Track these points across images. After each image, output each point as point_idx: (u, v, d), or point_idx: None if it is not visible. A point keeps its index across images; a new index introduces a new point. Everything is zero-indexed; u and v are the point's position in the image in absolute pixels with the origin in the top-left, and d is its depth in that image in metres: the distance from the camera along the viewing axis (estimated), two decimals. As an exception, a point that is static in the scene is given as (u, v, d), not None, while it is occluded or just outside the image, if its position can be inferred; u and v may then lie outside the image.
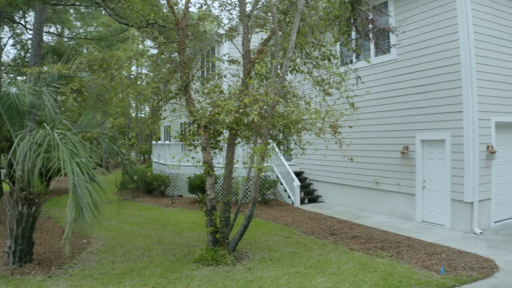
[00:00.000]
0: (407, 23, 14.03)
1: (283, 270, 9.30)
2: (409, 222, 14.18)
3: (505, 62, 13.45)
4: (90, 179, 8.43)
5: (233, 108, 8.88)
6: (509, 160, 14.00)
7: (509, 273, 8.89)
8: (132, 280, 8.71)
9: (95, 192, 8.25)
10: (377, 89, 15.42)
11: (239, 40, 11.37)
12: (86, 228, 7.93)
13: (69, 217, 7.51)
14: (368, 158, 16.10)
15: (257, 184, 10.02)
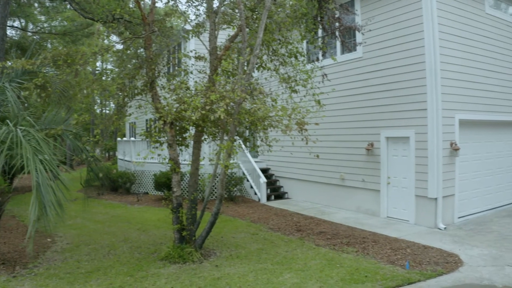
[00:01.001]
0: (373, 22, 14.18)
1: (250, 266, 9.31)
2: (375, 217, 14.35)
3: (469, 61, 13.73)
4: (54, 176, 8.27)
5: (200, 104, 8.85)
6: (472, 157, 14.29)
7: (473, 268, 9.08)
8: (98, 279, 8.60)
9: (59, 190, 8.10)
10: (343, 86, 15.55)
11: (206, 36, 11.33)
12: (50, 227, 7.78)
13: (32, 215, 7.36)
14: (334, 155, 16.23)
15: (223, 181, 10.00)
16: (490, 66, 14.65)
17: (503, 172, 15.89)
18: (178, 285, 8.20)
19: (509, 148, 16.26)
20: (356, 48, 14.96)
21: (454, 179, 13.29)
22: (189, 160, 11.01)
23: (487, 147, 15.08)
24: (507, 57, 15.54)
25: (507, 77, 15.45)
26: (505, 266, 9.11)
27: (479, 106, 14.13)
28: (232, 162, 12.24)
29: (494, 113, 14.84)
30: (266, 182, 18.16)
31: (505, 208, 15.44)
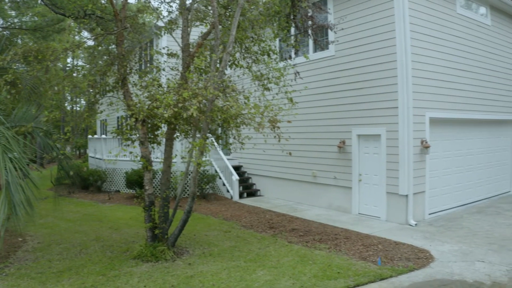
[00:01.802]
0: (346, 21, 14.27)
1: (223, 264, 9.30)
2: (346, 214, 14.47)
3: (440, 61, 13.93)
4: (24, 175, 8.16)
5: (172, 102, 8.79)
6: (443, 155, 14.50)
7: (444, 263, 9.21)
8: (70, 278, 8.49)
9: (28, 189, 7.99)
10: (315, 84, 15.61)
11: (179, 33, 11.26)
12: (20, 226, 7.69)
13: (1, 215, 7.26)
14: (306, 152, 16.31)
15: (195, 179, 9.96)
16: (460, 65, 14.88)
17: (473, 169, 16.16)
18: (151, 284, 8.14)
19: (479, 146, 16.54)
20: (329, 46, 15.03)
21: (425, 176, 13.46)
22: (161, 157, 10.95)
23: (457, 144, 15.31)
24: (477, 57, 15.81)
25: (477, 76, 15.73)
26: (475, 262, 9.25)
27: (449, 104, 14.34)
28: (205, 159, 12.21)
29: (464, 111, 15.08)
30: (238, 179, 18.17)
31: (475, 204, 15.70)
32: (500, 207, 15.23)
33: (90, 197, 19.32)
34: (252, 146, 13.64)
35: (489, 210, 14.71)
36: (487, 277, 8.34)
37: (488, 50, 16.53)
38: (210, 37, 11.34)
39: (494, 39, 16.94)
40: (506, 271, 8.60)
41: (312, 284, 8.06)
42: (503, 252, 9.91)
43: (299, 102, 13.65)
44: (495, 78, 16.94)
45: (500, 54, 17.35)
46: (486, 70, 16.31)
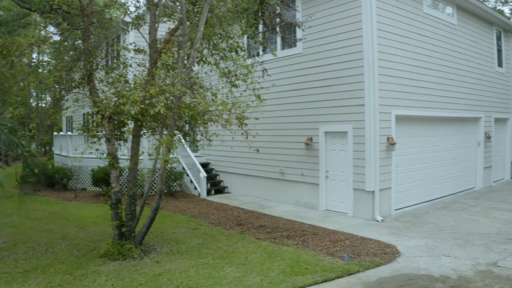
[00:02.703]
0: (314, 19, 14.35)
1: (191, 261, 9.28)
2: (314, 211, 14.57)
3: (406, 59, 14.13)
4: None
5: (139, 98, 8.73)
6: (409, 151, 14.71)
7: (411, 258, 9.35)
8: (36, 278, 8.35)
9: (-8, 187, 7.86)
10: (283, 81, 15.66)
11: (146, 29, 11.15)
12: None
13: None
14: (274, 149, 16.36)
15: (163, 176, 9.90)
16: (427, 64, 15.12)
17: (438, 166, 16.43)
18: (118, 282, 8.07)
19: (444, 143, 16.83)
20: (296, 44, 15.07)
21: (391, 173, 13.64)
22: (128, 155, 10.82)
23: (423, 141, 15.55)
24: (443, 55, 16.09)
25: (443, 74, 16.00)
26: (441, 256, 9.42)
27: (415, 102, 14.55)
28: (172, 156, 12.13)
29: (430, 109, 15.32)
30: (206, 176, 18.12)
31: (440, 200, 15.97)
32: (465, 202, 15.52)
33: (56, 195, 19.04)
34: (219, 143, 13.64)
35: (454, 205, 14.97)
36: (453, 271, 8.49)
37: (454, 49, 16.83)
38: (177, 33, 11.27)
39: (460, 38, 17.26)
40: (471, 266, 8.77)
41: (280, 280, 8.10)
42: (468, 247, 10.10)
43: (267, 99, 13.69)
44: (460, 77, 17.26)
45: (466, 53, 17.69)
46: (451, 69, 16.61)
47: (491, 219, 12.78)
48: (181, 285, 7.93)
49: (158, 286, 7.90)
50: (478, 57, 18.74)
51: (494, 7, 35.37)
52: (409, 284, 7.86)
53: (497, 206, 14.68)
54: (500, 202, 15.44)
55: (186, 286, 7.85)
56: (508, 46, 22.22)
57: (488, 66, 19.75)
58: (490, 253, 9.60)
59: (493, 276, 8.18)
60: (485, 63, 19.45)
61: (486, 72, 19.50)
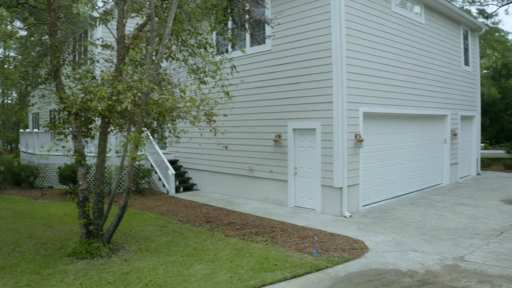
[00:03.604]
0: (283, 16, 14.37)
1: (160, 259, 9.22)
2: (282, 207, 14.63)
3: (374, 57, 14.28)
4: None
5: (106, 95, 8.64)
6: (376, 148, 14.86)
7: (379, 253, 9.47)
8: (3, 278, 8.19)
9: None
10: (252, 78, 15.66)
11: (114, 24, 11.02)
12: None
13: None
14: (243, 146, 16.36)
15: (131, 174, 9.81)
16: (394, 62, 15.31)
17: (406, 162, 16.65)
18: (86, 281, 7.97)
19: (412, 140, 17.05)
20: (265, 41, 15.09)
21: (359, 169, 13.76)
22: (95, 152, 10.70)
23: (390, 138, 15.72)
24: (411, 54, 16.31)
25: (410, 72, 16.22)
26: (408, 251, 9.55)
27: (383, 99, 14.71)
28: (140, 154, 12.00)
29: (397, 106, 15.49)
30: (174, 174, 18.02)
31: (407, 196, 16.18)
32: (432, 198, 15.76)
33: (22, 193, 18.71)
34: (188, 140, 13.58)
35: (421, 201, 15.19)
36: (420, 266, 8.63)
37: (422, 47, 17.07)
38: (146, 29, 11.16)
39: (427, 37, 17.51)
40: (438, 260, 8.93)
41: (250, 276, 8.11)
42: (435, 241, 10.27)
43: (236, 96, 13.65)
44: (428, 75, 17.52)
45: (433, 51, 17.96)
46: (419, 67, 16.85)
47: (457, 215, 12.99)
48: (150, 283, 7.87)
49: (126, 284, 7.84)
50: (445, 56, 19.04)
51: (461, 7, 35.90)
52: (377, 279, 7.95)
53: (463, 202, 14.94)
54: (466, 198, 15.71)
55: (155, 284, 7.80)
56: (474, 45, 22.63)
57: (455, 64, 20.08)
58: (457, 247, 9.77)
59: (460, 270, 8.33)
60: (452, 62, 19.76)
61: (453, 71, 19.82)
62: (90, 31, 20.59)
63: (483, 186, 18.68)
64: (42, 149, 19.69)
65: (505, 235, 10.74)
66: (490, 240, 10.31)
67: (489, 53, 43.80)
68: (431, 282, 7.74)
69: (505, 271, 8.17)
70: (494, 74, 37.69)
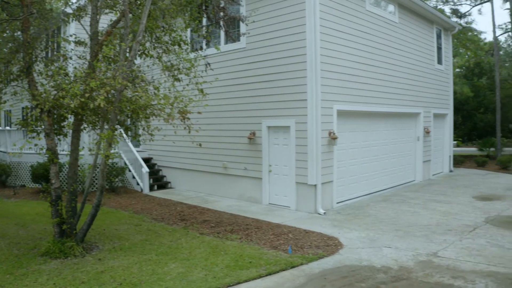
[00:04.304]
0: (258, 14, 14.37)
1: (135, 258, 9.17)
2: (257, 205, 14.67)
3: (348, 55, 14.41)
4: None
5: (79, 92, 8.55)
6: (349, 146, 14.97)
7: (353, 250, 9.55)
8: (-26, 278, 8.08)
9: None
10: (226, 76, 15.65)
11: (87, 20, 10.89)
12: None
13: None
14: (217, 144, 16.36)
15: (104, 172, 9.72)
16: (368, 60, 15.45)
17: (379, 159, 16.79)
18: (60, 281, 7.88)
19: (385, 137, 17.20)
20: (240, 38, 15.09)
21: (333, 167, 13.86)
22: (68, 150, 10.60)
23: (363, 136, 15.85)
24: (385, 52, 16.47)
25: (383, 71, 16.37)
26: (382, 248, 9.66)
27: (356, 97, 14.84)
28: (113, 152, 11.91)
29: (371, 104, 15.63)
30: (148, 172, 17.91)
31: (380, 193, 16.33)
32: (405, 195, 15.94)
33: (-7, 192, 18.45)
34: (162, 137, 13.54)
35: (394, 198, 15.35)
36: (394, 262, 8.72)
37: (395, 46, 17.24)
38: (120, 25, 11.07)
39: (401, 36, 17.69)
40: (412, 256, 9.04)
41: (225, 274, 8.10)
42: (408, 238, 10.39)
43: (210, 93, 13.65)
44: (401, 73, 17.71)
45: (407, 50, 18.15)
46: (392, 66, 17.02)
47: (430, 211, 13.17)
48: (124, 282, 7.82)
49: (101, 284, 7.77)
50: (418, 55, 19.26)
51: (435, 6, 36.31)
52: (352, 275, 8.01)
53: (436, 199, 15.14)
54: (439, 195, 15.93)
55: (130, 283, 7.75)
56: (447, 44, 22.93)
57: (428, 63, 20.32)
58: (430, 243, 9.90)
59: (433, 266, 8.45)
60: (425, 60, 20.00)
61: (426, 69, 20.06)
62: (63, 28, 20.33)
63: (456, 183, 18.95)
64: (14, 147, 19.46)
65: (477, 231, 10.91)
66: (463, 236, 10.47)
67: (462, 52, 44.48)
68: (405, 278, 7.82)
69: (478, 267, 8.31)
70: (466, 73, 38.22)
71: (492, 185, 18.32)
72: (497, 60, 30.51)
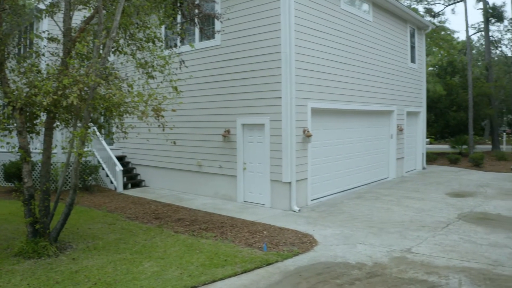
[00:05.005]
0: (233, 11, 14.35)
1: (109, 257, 9.09)
2: (232, 202, 14.66)
3: (323, 53, 14.50)
4: None
5: (52, 89, 8.45)
6: (323, 143, 15.06)
7: (327, 247, 9.61)
8: None
9: None
10: (201, 73, 15.61)
11: (61, 17, 10.75)
12: None
13: None
14: (192, 142, 16.31)
15: (77, 170, 9.62)
16: (342, 58, 15.56)
17: (353, 157, 16.93)
18: (34, 282, 7.77)
19: (359, 135, 17.35)
20: (215, 36, 15.07)
21: (307, 164, 13.93)
22: (40, 148, 10.47)
23: (337, 133, 15.97)
24: (359, 51, 16.61)
25: (358, 69, 16.51)
26: (356, 244, 9.74)
27: (330, 95, 14.93)
28: (87, 150, 11.75)
29: (345, 102, 15.74)
30: (122, 170, 17.72)
31: (354, 190, 16.47)
32: (379, 192, 16.10)
33: (-36, 191, 18.14)
34: (136, 135, 13.46)
35: (368, 195, 15.49)
36: (368, 258, 8.81)
37: (369, 45, 17.40)
38: (93, 21, 10.95)
39: (375, 35, 17.85)
40: (386, 252, 9.14)
41: (200, 273, 8.09)
42: (382, 234, 10.50)
43: (185, 91, 13.61)
44: (375, 72, 17.87)
45: (380, 49, 18.33)
46: (366, 64, 17.17)
47: (404, 208, 13.32)
48: (99, 282, 7.75)
49: (75, 284, 7.69)
50: (392, 53, 19.45)
51: (409, 5, 36.69)
52: (326, 272, 8.06)
53: (409, 195, 15.32)
54: (412, 192, 16.12)
55: (104, 283, 7.69)
56: (421, 43, 23.20)
57: (402, 62, 20.54)
58: (404, 240, 10.02)
59: (407, 262, 8.55)
60: (399, 59, 20.21)
61: (400, 68, 20.27)
62: (36, 24, 20.03)
63: (429, 180, 19.20)
64: (-15, 146, 19.09)
65: (450, 227, 11.08)
66: (436, 232, 10.62)
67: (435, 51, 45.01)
68: (379, 274, 7.90)
69: (451, 262, 8.44)
70: (439, 71, 38.63)
71: (465, 182, 18.60)
72: (469, 59, 30.97)
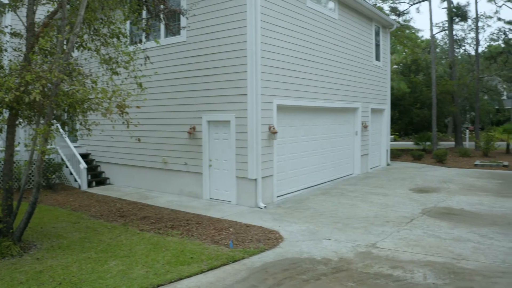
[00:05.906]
0: (198, 7, 14.28)
1: (74, 257, 8.96)
2: (198, 200, 14.62)
3: (288, 51, 14.54)
4: None
5: (14, 85, 8.29)
6: (289, 140, 15.14)
7: (293, 243, 9.66)
8: None
9: None
10: (166, 70, 15.51)
11: (24, 11, 10.54)
12: None
13: None
14: (157, 139, 16.20)
15: (40, 168, 9.46)
16: (308, 56, 15.65)
17: (318, 153, 17.05)
18: (-4, 282, 7.64)
19: (324, 132, 17.48)
20: (180, 32, 14.95)
21: (273, 161, 13.99)
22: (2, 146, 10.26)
23: (303, 130, 16.05)
24: (324, 48, 16.74)
25: (323, 66, 16.64)
26: (322, 240, 9.82)
27: (296, 92, 15.01)
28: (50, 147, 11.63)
29: (310, 99, 15.83)
30: (86, 168, 17.44)
31: (319, 186, 16.60)
32: (344, 188, 16.25)
33: None
34: (100, 132, 13.28)
35: (333, 191, 15.63)
36: (334, 253, 8.89)
37: (335, 42, 17.54)
38: (57, 16, 10.77)
39: (340, 33, 18.01)
40: (351, 248, 9.24)
41: (166, 271, 8.04)
42: (347, 230, 10.61)
43: (149, 87, 13.51)
44: (340, 69, 18.03)
45: (346, 46, 18.50)
46: (332, 61, 17.31)
47: (368, 204, 13.48)
48: (64, 281, 7.63)
49: (40, 284, 7.55)
50: (357, 51, 19.65)
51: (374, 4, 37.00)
52: (293, 268, 8.10)
53: (374, 191, 15.51)
54: (377, 187, 16.33)
55: (69, 283, 7.57)
56: (385, 41, 23.48)
57: (367, 59, 20.77)
58: (369, 235, 10.16)
59: (372, 256, 8.66)
60: (364, 57, 20.43)
61: (365, 66, 20.50)
62: (-3, 18, 19.65)
63: (393, 176, 19.48)
64: None
65: (414, 222, 11.26)
66: (401, 227, 10.78)
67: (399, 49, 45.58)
68: (345, 269, 7.98)
69: (416, 257, 8.58)
70: (403, 69, 39.17)
71: (428, 177, 18.93)
72: (433, 57, 31.47)
